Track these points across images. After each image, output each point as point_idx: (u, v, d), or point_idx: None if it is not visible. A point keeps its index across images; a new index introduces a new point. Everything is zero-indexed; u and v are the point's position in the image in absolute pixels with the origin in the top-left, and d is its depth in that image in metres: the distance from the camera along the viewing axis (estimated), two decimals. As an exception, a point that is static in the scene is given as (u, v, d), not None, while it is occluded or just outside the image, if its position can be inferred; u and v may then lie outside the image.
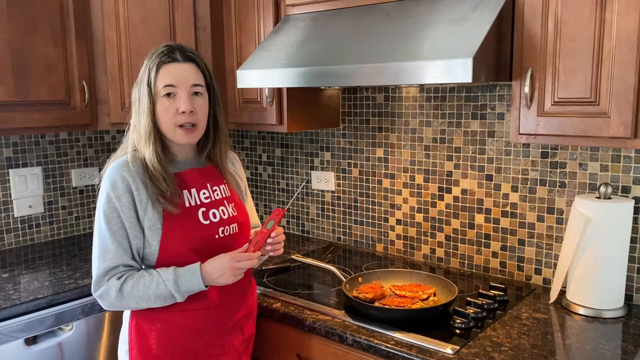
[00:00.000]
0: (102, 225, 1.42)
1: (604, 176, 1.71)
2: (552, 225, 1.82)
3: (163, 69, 1.45)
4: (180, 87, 1.45)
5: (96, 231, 1.45)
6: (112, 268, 1.42)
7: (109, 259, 1.42)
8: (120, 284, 1.41)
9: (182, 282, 1.41)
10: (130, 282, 1.41)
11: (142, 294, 1.41)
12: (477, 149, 1.96)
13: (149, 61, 1.47)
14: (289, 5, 1.99)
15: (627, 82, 1.34)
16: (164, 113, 1.45)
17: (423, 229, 2.14)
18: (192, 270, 1.42)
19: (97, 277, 1.43)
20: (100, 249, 1.43)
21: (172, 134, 1.47)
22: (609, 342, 1.45)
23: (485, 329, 1.52)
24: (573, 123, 1.43)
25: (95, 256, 1.44)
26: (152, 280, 1.41)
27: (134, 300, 1.42)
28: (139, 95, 1.47)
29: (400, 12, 1.67)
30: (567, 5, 1.41)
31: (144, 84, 1.45)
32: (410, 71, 1.48)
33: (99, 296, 1.43)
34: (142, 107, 1.46)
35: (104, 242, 1.43)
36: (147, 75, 1.45)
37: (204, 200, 1.51)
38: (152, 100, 1.45)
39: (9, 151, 2.35)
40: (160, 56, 1.46)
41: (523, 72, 1.50)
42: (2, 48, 1.96)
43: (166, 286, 1.40)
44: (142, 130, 1.45)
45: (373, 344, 1.48)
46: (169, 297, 1.41)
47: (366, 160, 2.27)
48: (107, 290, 1.41)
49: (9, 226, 2.37)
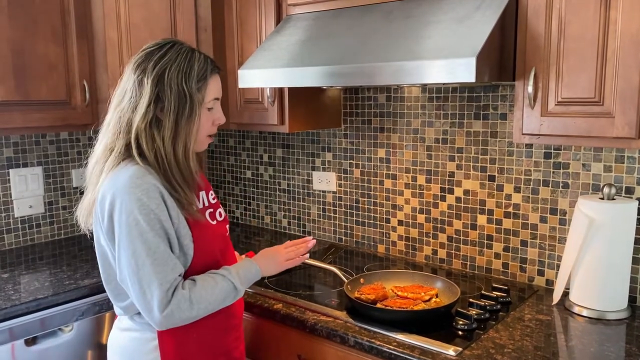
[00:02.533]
0: (148, 238, 1.26)
1: (607, 177, 1.70)
2: (555, 226, 1.81)
3: (213, 78, 1.38)
4: (219, 98, 1.43)
5: (135, 252, 1.27)
6: (172, 281, 1.29)
7: (170, 270, 1.28)
8: (188, 294, 1.30)
9: (242, 272, 1.42)
10: (195, 288, 1.31)
11: (210, 295, 1.32)
12: (480, 150, 1.95)
13: (192, 60, 1.35)
14: (291, 5, 1.98)
15: (631, 82, 1.33)
16: (205, 124, 1.39)
17: (425, 230, 2.13)
18: (247, 264, 1.47)
19: (161, 296, 1.26)
20: (154, 266, 1.27)
21: (200, 144, 1.42)
22: (612, 344, 1.44)
23: (488, 331, 1.51)
24: (577, 123, 1.43)
25: (148, 277, 1.26)
26: (214, 279, 1.35)
27: (204, 306, 1.32)
28: (181, 101, 1.32)
29: (403, 11, 1.66)
30: (571, 5, 1.40)
31: (192, 90, 1.33)
32: (413, 71, 1.48)
33: (168, 314, 1.27)
34: (185, 116, 1.32)
35: (153, 257, 1.27)
36: (195, 81, 1.33)
37: (211, 201, 1.50)
38: (199, 107, 1.35)
39: (9, 151, 2.34)
40: (208, 63, 1.37)
41: (526, 72, 1.49)
42: (3, 47, 1.96)
43: (230, 281, 1.37)
44: (188, 142, 1.33)
45: (375, 345, 1.47)
46: (232, 292, 1.38)
47: (368, 160, 2.27)
48: (177, 305, 1.28)
49: (9, 226, 2.36)
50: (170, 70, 1.32)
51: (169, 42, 1.38)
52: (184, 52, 1.35)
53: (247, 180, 2.76)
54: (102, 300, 1.94)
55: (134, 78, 1.34)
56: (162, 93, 1.31)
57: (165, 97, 1.31)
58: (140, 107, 1.31)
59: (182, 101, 1.32)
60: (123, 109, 1.34)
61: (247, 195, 2.78)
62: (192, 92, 1.33)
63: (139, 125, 1.31)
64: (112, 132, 1.36)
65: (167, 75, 1.31)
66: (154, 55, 1.34)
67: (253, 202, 2.75)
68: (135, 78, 1.33)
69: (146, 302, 1.27)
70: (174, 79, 1.31)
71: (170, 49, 1.35)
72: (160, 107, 1.32)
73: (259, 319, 1.75)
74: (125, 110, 1.34)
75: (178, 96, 1.31)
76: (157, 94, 1.31)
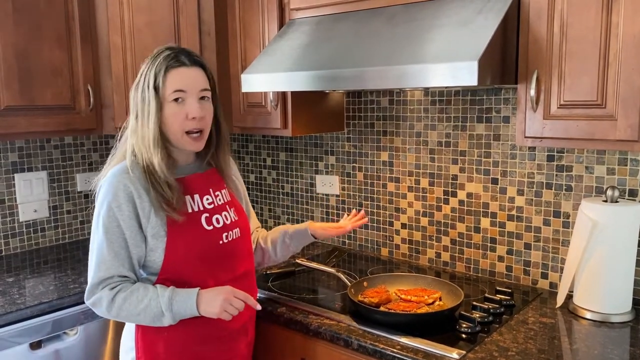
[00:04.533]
0: (100, 234, 1.40)
1: (610, 179, 1.69)
2: (559, 229, 1.81)
3: (172, 73, 1.41)
4: (190, 92, 1.43)
5: (94, 239, 1.43)
6: (106, 278, 1.39)
7: (104, 269, 1.39)
8: (113, 295, 1.38)
9: (177, 301, 1.37)
10: (123, 294, 1.38)
11: (133, 307, 1.38)
12: (483, 153, 1.95)
13: (154, 64, 1.42)
14: (294, 10, 1.99)
15: (633, 85, 1.33)
16: (172, 119, 1.42)
17: (428, 233, 2.13)
18: (189, 292, 1.38)
19: (91, 286, 1.41)
20: (97, 258, 1.40)
21: (179, 141, 1.45)
22: (616, 347, 1.43)
23: (492, 334, 1.51)
24: (579, 126, 1.43)
25: (92, 264, 1.42)
26: (145, 294, 1.38)
27: (125, 314, 1.39)
28: (143, 98, 1.42)
29: (405, 15, 1.66)
30: (573, 8, 1.40)
31: (149, 87, 1.40)
32: (415, 74, 1.48)
33: (91, 304, 1.42)
34: (146, 112, 1.41)
35: (100, 251, 1.40)
36: (154, 78, 1.41)
37: (207, 205, 1.49)
38: (159, 104, 1.41)
39: (14, 155, 2.36)
40: (168, 60, 1.42)
41: (529, 75, 1.49)
42: (8, 53, 1.97)
43: (158, 303, 1.36)
44: (148, 136, 1.41)
45: (378, 348, 1.47)
46: (158, 315, 1.37)
47: (371, 164, 2.27)
48: (99, 300, 1.40)
49: (14, 230, 2.37)
50: (141, 77, 1.44)
51: (160, 50, 1.47)
52: (153, 57, 1.44)
53: (250, 184, 2.77)
54: (106, 304, 1.95)
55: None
56: (136, 98, 1.45)
57: (136, 101, 1.44)
58: (130, 116, 1.47)
59: (144, 100, 1.42)
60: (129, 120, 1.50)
61: (251, 199, 2.77)
62: (149, 89, 1.41)
63: (130, 131, 1.47)
64: (122, 141, 1.52)
65: (138, 84, 1.44)
66: (142, 66, 1.47)
67: (257, 205, 2.75)
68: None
69: (88, 282, 1.43)
70: (141, 83, 1.43)
71: (151, 57, 1.45)
72: (136, 109, 1.45)
73: (262, 322, 1.76)
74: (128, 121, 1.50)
75: (141, 97, 1.43)
76: (134, 101, 1.45)
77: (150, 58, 1.45)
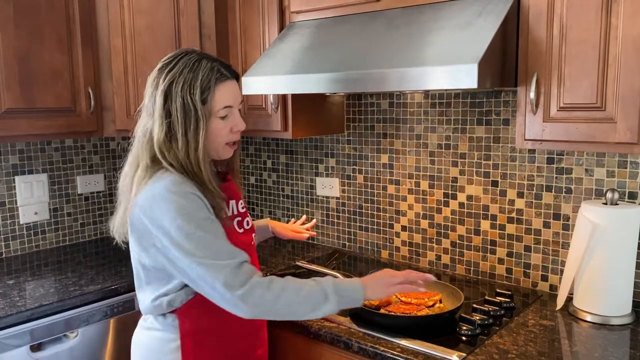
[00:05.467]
0: (202, 234, 1.28)
1: (610, 182, 1.70)
2: (559, 232, 1.81)
3: (220, 87, 1.35)
4: (235, 105, 1.40)
5: (195, 248, 1.27)
6: (245, 261, 1.30)
7: (238, 252, 1.30)
8: (267, 281, 1.29)
9: (341, 285, 1.34)
10: (279, 283, 1.29)
11: (293, 295, 1.29)
12: (483, 155, 1.95)
13: (195, 74, 1.33)
14: (294, 12, 2.00)
15: (633, 87, 1.34)
16: (217, 133, 1.37)
17: (428, 235, 2.13)
18: (350, 279, 1.39)
19: (231, 273, 1.26)
20: (215, 252, 1.28)
21: (218, 152, 1.41)
22: (616, 349, 1.43)
23: (492, 336, 1.51)
24: (579, 129, 1.43)
25: (214, 264, 1.27)
26: (301, 282, 1.32)
27: (282, 302, 1.29)
28: (185, 111, 1.32)
29: (405, 18, 1.67)
30: (572, 10, 1.41)
31: (196, 100, 1.32)
32: (415, 77, 1.48)
33: (242, 295, 1.26)
34: (192, 126, 1.32)
35: (214, 243, 1.29)
36: (200, 91, 1.32)
37: (240, 210, 1.51)
38: (206, 120, 1.33)
39: (15, 158, 2.36)
40: (214, 72, 1.35)
41: (528, 78, 1.49)
42: (9, 55, 1.97)
43: (321, 288, 1.31)
44: (196, 152, 1.33)
45: (379, 351, 1.47)
46: (321, 301, 1.31)
47: (371, 166, 2.27)
48: (252, 289, 1.27)
49: (14, 233, 2.38)
50: (176, 83, 1.33)
51: (182, 53, 1.38)
52: (190, 63, 1.35)
53: (250, 186, 2.77)
54: (107, 306, 1.95)
55: (149, 93, 1.38)
56: (170, 107, 1.33)
57: (172, 109, 1.33)
58: (156, 122, 1.34)
59: (188, 113, 1.33)
60: (145, 124, 1.38)
61: (251, 201, 2.78)
62: (196, 103, 1.32)
63: (158, 139, 1.34)
64: (137, 147, 1.39)
65: (174, 89, 1.33)
66: (165, 68, 1.36)
67: (257, 207, 2.75)
68: (150, 93, 1.37)
69: (220, 293, 1.27)
70: (179, 92, 1.32)
71: (179, 61, 1.36)
72: (171, 120, 1.34)
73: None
74: (146, 125, 1.37)
75: (183, 108, 1.33)
76: (167, 109, 1.33)
77: (187, 68, 1.35)
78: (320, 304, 1.32)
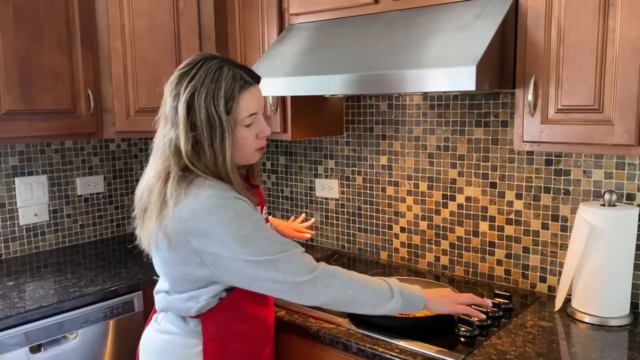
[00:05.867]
0: (258, 236, 1.29)
1: (608, 183, 1.70)
2: (557, 233, 1.82)
3: (244, 95, 1.32)
4: (260, 111, 1.38)
5: (254, 248, 1.27)
6: (304, 250, 1.31)
7: (296, 243, 1.32)
8: (334, 269, 1.30)
9: (405, 287, 1.36)
10: (343, 270, 1.31)
11: (360, 286, 1.30)
12: (481, 157, 1.96)
13: (217, 83, 1.30)
14: (293, 15, 2.00)
15: (630, 90, 1.34)
16: (244, 141, 1.35)
17: (427, 237, 2.14)
18: (411, 285, 1.39)
19: (299, 260, 1.28)
20: (279, 243, 1.30)
21: (246, 158, 1.40)
22: (614, 351, 1.44)
23: (490, 337, 1.52)
24: (577, 130, 1.44)
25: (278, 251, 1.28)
26: (361, 275, 1.33)
27: (351, 291, 1.29)
28: (210, 122, 1.29)
29: (404, 20, 1.67)
30: (570, 13, 1.42)
31: (221, 111, 1.29)
32: (414, 79, 1.49)
33: (311, 280, 1.27)
34: (218, 138, 1.30)
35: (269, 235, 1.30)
36: (224, 102, 1.29)
37: (264, 216, 1.51)
38: (231, 130, 1.31)
39: (14, 160, 2.36)
40: (236, 80, 1.31)
41: (526, 80, 1.50)
42: (9, 57, 1.98)
43: (386, 285, 1.33)
44: (226, 164, 1.31)
45: (377, 352, 1.47)
46: (387, 297, 1.33)
47: (370, 167, 2.28)
48: (322, 275, 1.28)
49: (14, 234, 2.38)
50: (199, 94, 1.29)
51: (200, 60, 1.34)
52: (211, 72, 1.31)
53: (250, 188, 2.77)
54: (106, 308, 1.96)
55: (169, 103, 1.33)
56: (195, 119, 1.30)
57: (197, 122, 1.30)
58: (181, 134, 1.30)
59: (214, 125, 1.29)
60: (167, 134, 1.34)
61: (250, 203, 2.78)
62: (220, 114, 1.29)
63: (186, 151, 1.30)
64: (162, 158, 1.34)
65: (197, 100, 1.29)
66: (185, 77, 1.32)
67: (256, 209, 2.75)
68: (171, 103, 1.33)
69: (288, 282, 1.27)
70: (203, 103, 1.29)
71: (199, 69, 1.31)
72: (195, 131, 1.31)
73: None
74: (170, 136, 1.33)
75: (208, 120, 1.29)
76: (191, 122, 1.30)
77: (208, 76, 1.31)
78: (384, 301, 1.33)
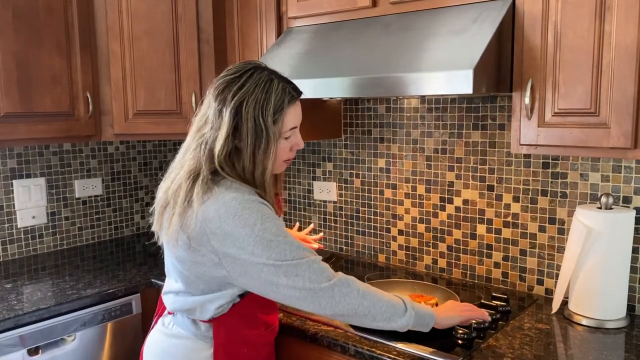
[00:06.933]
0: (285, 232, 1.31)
1: (605, 186, 1.71)
2: (554, 236, 1.82)
3: (290, 109, 1.34)
4: (299, 125, 1.39)
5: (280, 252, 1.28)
6: (322, 259, 1.32)
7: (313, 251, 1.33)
8: (351, 280, 1.31)
9: (416, 304, 1.39)
10: (359, 282, 1.33)
11: (376, 299, 1.32)
12: (479, 160, 1.97)
13: (267, 93, 1.31)
14: (292, 18, 2.01)
15: (626, 93, 1.35)
16: (281, 152, 1.37)
17: (425, 240, 2.14)
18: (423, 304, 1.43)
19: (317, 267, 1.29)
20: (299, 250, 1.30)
21: (278, 168, 1.41)
22: (611, 353, 1.44)
23: (488, 340, 1.52)
24: (573, 134, 1.44)
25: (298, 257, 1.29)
26: (382, 291, 1.35)
27: (367, 304, 1.31)
28: (257, 131, 1.30)
29: (401, 24, 1.68)
30: (567, 17, 1.43)
31: (268, 124, 1.30)
32: (412, 83, 1.50)
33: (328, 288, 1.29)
34: (262, 146, 1.31)
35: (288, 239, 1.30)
36: (272, 112, 1.31)
37: None
38: (276, 141, 1.32)
39: (12, 162, 2.36)
40: (285, 93, 1.33)
41: (523, 83, 1.51)
42: (8, 60, 1.98)
43: (400, 301, 1.35)
44: (266, 175, 1.33)
45: (375, 354, 1.47)
46: (400, 312, 1.35)
47: (368, 170, 2.28)
48: (340, 283, 1.29)
49: (12, 237, 2.38)
50: (247, 103, 1.30)
51: (250, 69, 1.35)
52: (262, 83, 1.32)
53: (248, 191, 2.77)
54: (104, 310, 1.96)
55: (214, 107, 1.33)
56: (240, 125, 1.30)
57: (242, 130, 1.30)
58: (220, 138, 1.30)
59: (259, 135, 1.30)
60: (204, 135, 1.33)
61: (249, 206, 2.78)
62: (268, 125, 1.30)
63: (219, 155, 1.30)
64: (193, 158, 1.34)
65: (245, 108, 1.30)
66: (233, 84, 1.32)
67: (254, 212, 2.75)
68: (216, 107, 1.32)
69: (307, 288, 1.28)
70: (251, 112, 1.30)
71: (249, 78, 1.32)
72: (239, 138, 1.31)
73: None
74: (206, 138, 1.33)
75: (255, 129, 1.30)
76: (235, 126, 1.30)
77: (255, 84, 1.32)
78: (397, 316, 1.35)
